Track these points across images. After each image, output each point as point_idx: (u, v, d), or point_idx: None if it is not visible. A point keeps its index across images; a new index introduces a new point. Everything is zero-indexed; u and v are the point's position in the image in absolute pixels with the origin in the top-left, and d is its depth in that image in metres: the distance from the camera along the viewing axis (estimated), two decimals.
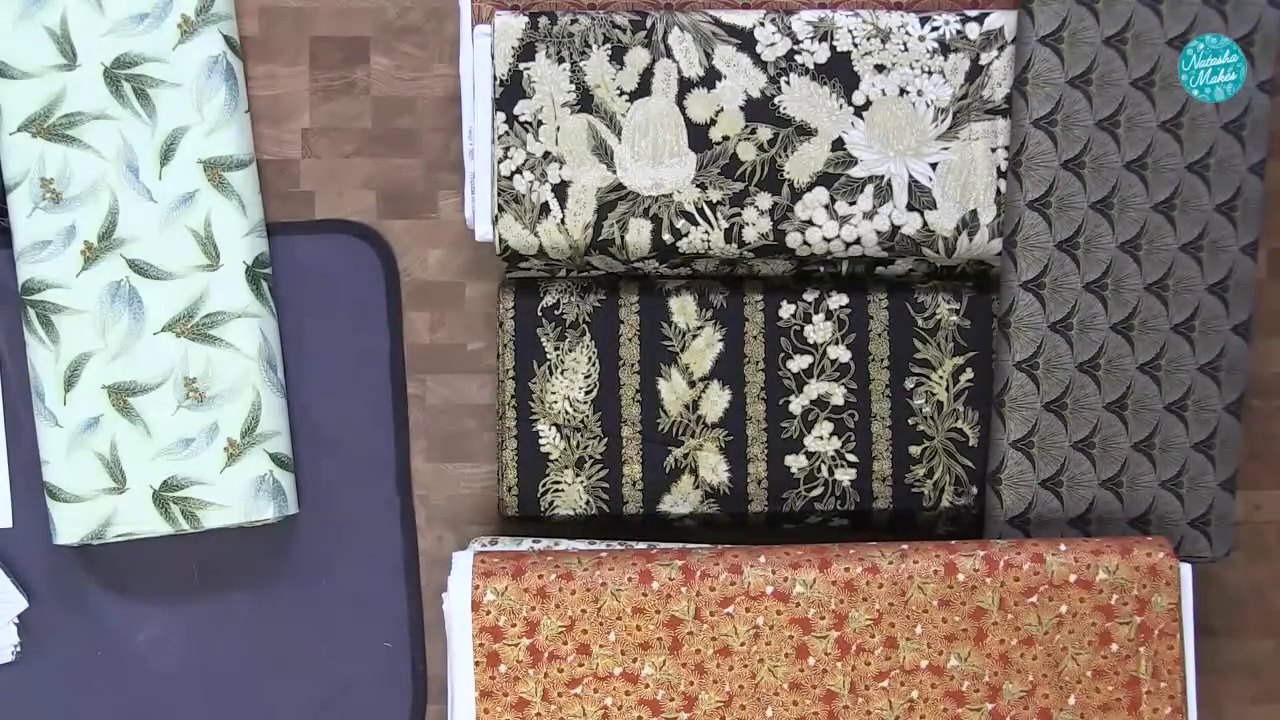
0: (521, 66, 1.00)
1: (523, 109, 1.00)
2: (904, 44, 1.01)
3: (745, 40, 1.00)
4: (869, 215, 1.01)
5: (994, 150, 1.01)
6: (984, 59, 1.01)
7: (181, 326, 1.02)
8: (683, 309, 1.04)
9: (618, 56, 1.00)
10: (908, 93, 1.01)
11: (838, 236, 1.01)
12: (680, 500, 1.04)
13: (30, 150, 1.01)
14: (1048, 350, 1.01)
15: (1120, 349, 1.02)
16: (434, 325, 1.07)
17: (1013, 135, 1.01)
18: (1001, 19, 1.01)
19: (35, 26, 1.01)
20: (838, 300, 1.04)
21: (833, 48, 1.01)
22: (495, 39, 1.00)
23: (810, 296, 1.04)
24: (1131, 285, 1.01)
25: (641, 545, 1.01)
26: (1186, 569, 0.97)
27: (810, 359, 1.04)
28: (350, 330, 1.07)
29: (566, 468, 1.04)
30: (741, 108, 1.01)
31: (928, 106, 1.01)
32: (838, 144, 1.01)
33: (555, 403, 1.03)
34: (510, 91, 1.00)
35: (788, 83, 1.01)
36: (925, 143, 1.01)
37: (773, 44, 1.01)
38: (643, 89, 1.01)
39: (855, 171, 1.01)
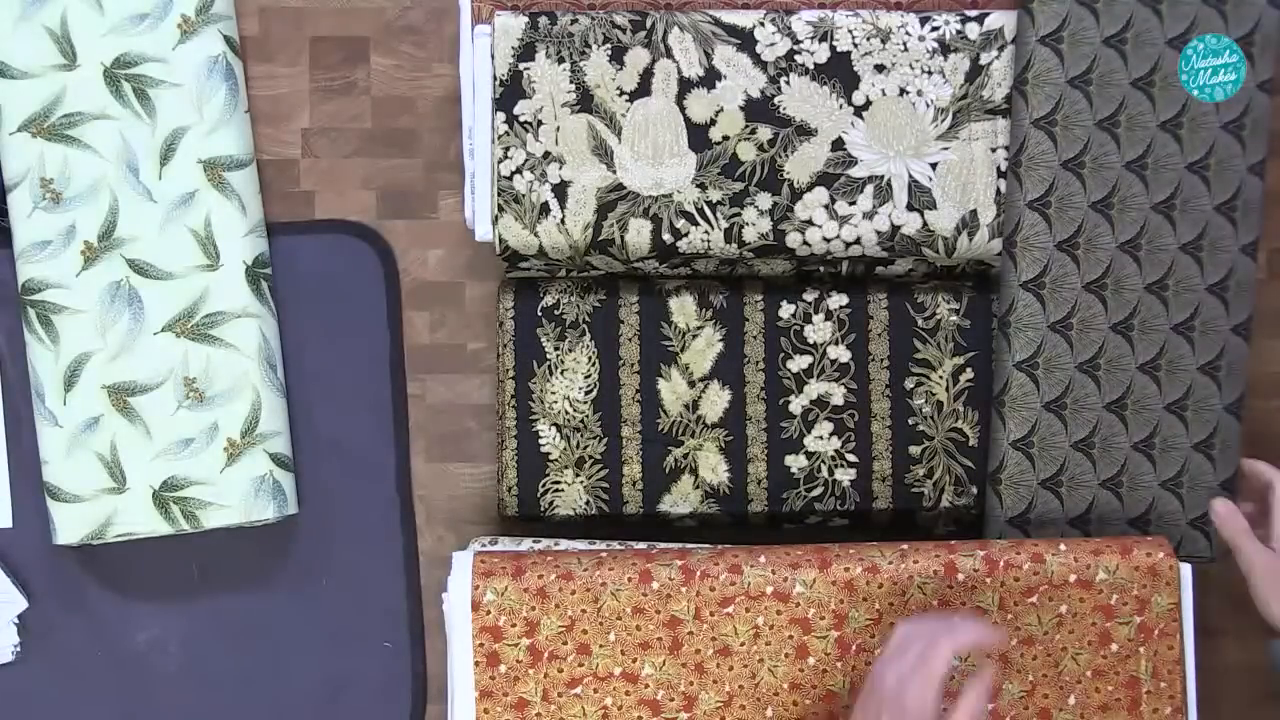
0: (521, 66, 1.00)
1: (523, 109, 1.00)
2: (904, 44, 1.01)
3: (745, 40, 1.00)
4: (869, 215, 1.01)
5: (994, 150, 1.01)
6: (984, 59, 1.01)
7: (181, 326, 1.02)
8: (683, 309, 1.04)
9: (618, 56, 1.00)
10: (908, 93, 1.01)
11: (838, 236, 1.01)
12: (680, 500, 1.04)
13: (30, 150, 1.01)
14: (1048, 350, 1.01)
15: (1120, 349, 1.02)
16: (434, 325, 1.07)
17: (1013, 135, 1.01)
18: (1001, 19, 1.01)
19: (35, 26, 1.01)
20: (838, 300, 1.04)
21: (833, 48, 1.01)
22: (495, 39, 1.00)
23: (810, 296, 1.04)
24: (1131, 285, 1.01)
25: (641, 545, 1.01)
26: (1186, 569, 0.97)
27: (810, 359, 1.04)
28: (350, 330, 1.07)
29: (566, 468, 1.04)
30: (741, 108, 1.01)
31: (928, 106, 1.01)
32: (838, 144, 1.01)
33: (555, 403, 1.03)
34: (510, 91, 1.00)
35: (788, 83, 1.01)
36: (925, 143, 1.01)
37: (773, 44, 1.01)
38: (643, 89, 1.01)
39: (855, 171, 1.01)
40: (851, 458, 1.04)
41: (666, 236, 1.01)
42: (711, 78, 1.01)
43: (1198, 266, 1.02)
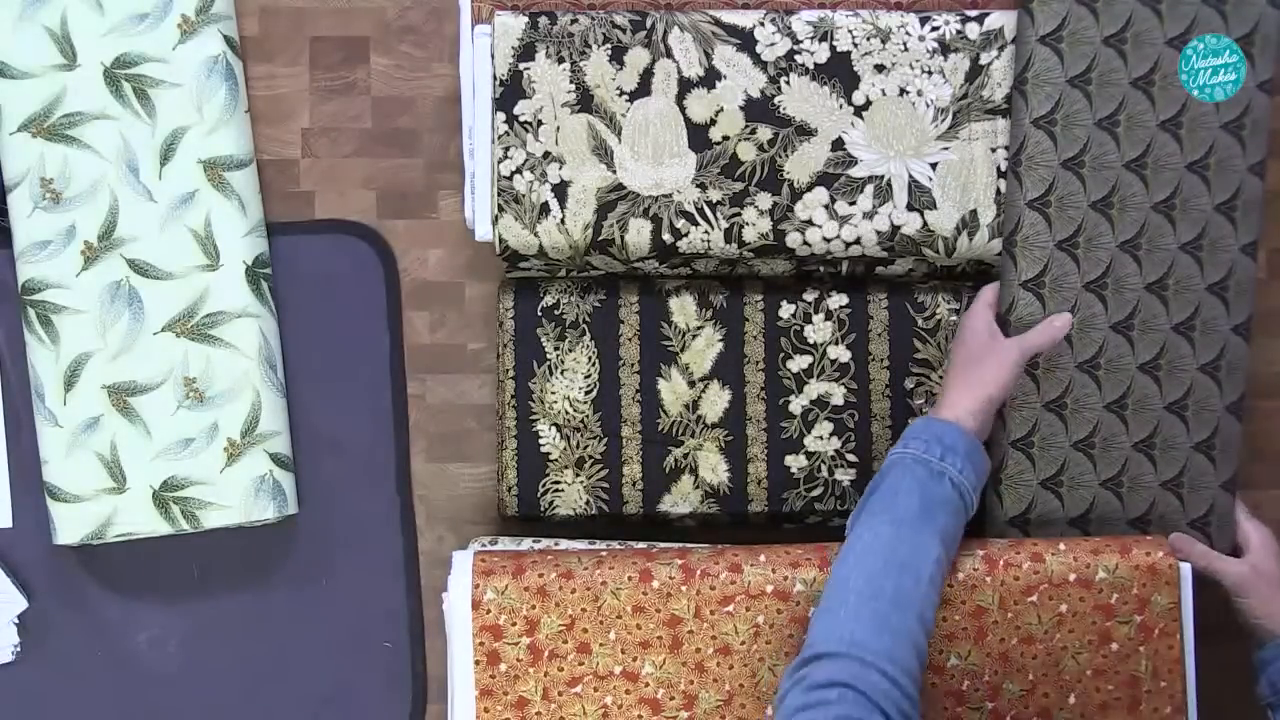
0: (521, 66, 1.00)
1: (523, 109, 1.00)
2: (904, 44, 1.01)
3: (745, 40, 1.01)
4: (869, 215, 1.01)
5: (994, 150, 1.01)
6: (984, 59, 1.01)
7: (181, 326, 1.02)
8: (683, 309, 1.04)
9: (618, 56, 1.00)
10: (908, 93, 1.01)
11: (838, 236, 1.01)
12: (680, 500, 1.04)
13: (30, 150, 1.01)
14: (1048, 350, 1.01)
15: (1120, 349, 1.02)
16: (434, 325, 1.07)
17: (1013, 135, 1.01)
18: (1001, 19, 1.01)
19: (35, 26, 1.01)
20: (838, 300, 1.04)
21: (833, 48, 1.01)
22: (495, 39, 1.00)
23: (810, 296, 1.04)
24: (1131, 285, 1.01)
25: (641, 545, 1.01)
26: (1186, 569, 0.97)
27: (810, 359, 1.04)
28: (350, 330, 1.07)
29: (566, 468, 1.04)
30: (741, 108, 1.01)
31: (928, 106, 1.01)
32: (838, 144, 1.01)
33: (555, 403, 1.03)
34: (510, 91, 1.00)
35: (788, 83, 1.01)
36: (925, 143, 1.01)
37: (773, 44, 1.01)
38: (643, 89, 1.01)
39: (855, 171, 1.01)
40: (851, 458, 1.04)
41: (666, 236, 1.01)
42: (711, 78, 1.01)
43: (1198, 266, 1.02)
